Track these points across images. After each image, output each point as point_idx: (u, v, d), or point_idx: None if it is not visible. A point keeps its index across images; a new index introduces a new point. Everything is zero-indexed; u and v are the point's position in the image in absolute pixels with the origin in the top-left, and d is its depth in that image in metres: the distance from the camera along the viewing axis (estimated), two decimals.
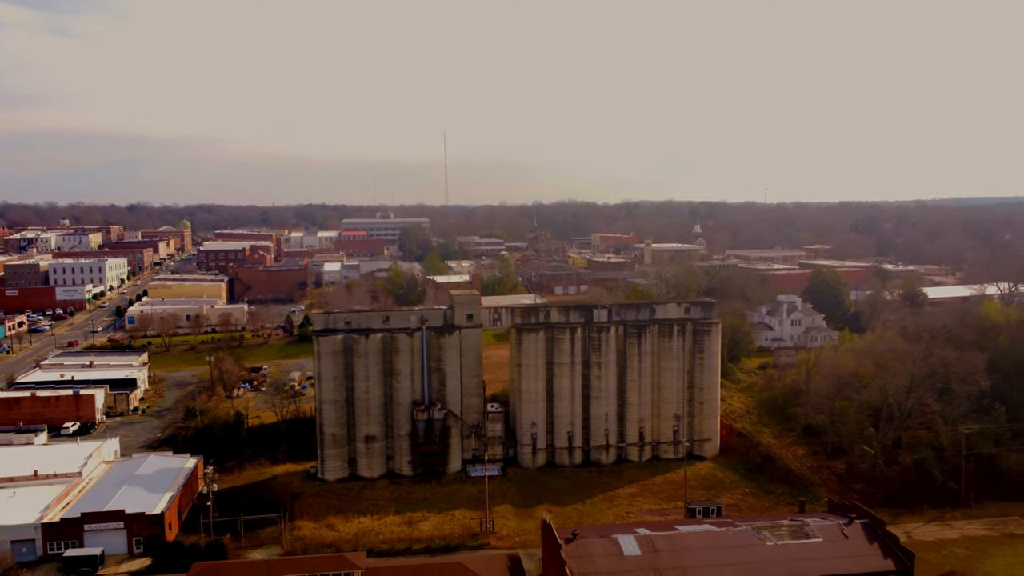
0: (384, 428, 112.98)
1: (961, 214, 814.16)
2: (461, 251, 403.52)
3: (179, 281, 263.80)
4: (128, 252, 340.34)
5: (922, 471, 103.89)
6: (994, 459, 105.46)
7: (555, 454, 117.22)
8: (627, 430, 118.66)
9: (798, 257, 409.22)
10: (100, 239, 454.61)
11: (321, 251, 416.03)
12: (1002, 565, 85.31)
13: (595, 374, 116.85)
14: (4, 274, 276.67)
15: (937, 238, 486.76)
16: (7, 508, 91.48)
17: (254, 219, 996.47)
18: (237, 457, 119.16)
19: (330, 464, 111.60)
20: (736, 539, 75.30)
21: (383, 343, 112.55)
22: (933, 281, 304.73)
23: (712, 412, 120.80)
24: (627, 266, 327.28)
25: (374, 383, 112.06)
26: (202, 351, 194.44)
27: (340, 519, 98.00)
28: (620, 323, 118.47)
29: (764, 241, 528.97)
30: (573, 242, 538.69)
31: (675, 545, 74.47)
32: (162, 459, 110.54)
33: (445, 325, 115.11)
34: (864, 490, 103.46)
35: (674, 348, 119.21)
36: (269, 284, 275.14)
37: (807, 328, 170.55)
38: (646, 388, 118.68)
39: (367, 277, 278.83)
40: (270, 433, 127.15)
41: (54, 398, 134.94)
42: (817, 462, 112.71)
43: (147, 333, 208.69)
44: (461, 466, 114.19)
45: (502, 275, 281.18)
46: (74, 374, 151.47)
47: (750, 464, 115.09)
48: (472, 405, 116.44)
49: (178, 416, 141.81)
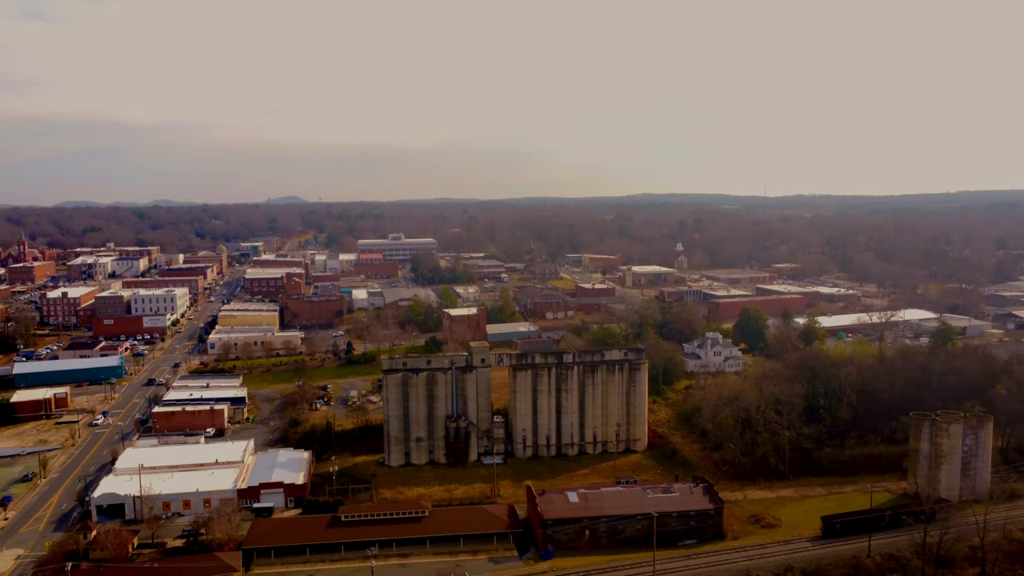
0: (428, 432, 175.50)
1: (941, 220, 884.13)
2: (466, 274, 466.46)
3: (242, 311, 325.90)
4: (185, 280, 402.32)
5: (764, 459, 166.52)
6: (810, 452, 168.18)
7: (538, 449, 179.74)
8: (585, 434, 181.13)
9: (762, 279, 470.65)
10: (146, 263, 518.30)
11: (344, 274, 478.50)
12: (790, 511, 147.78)
13: (564, 397, 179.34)
14: (95, 304, 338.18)
15: (895, 258, 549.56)
16: (214, 481, 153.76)
17: (261, 226, 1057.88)
18: (330, 451, 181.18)
19: (394, 456, 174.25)
20: (631, 493, 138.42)
21: (427, 377, 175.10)
22: (863, 304, 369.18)
23: (641, 421, 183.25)
24: (608, 292, 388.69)
25: (421, 404, 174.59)
26: (277, 372, 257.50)
27: (405, 488, 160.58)
28: (580, 363, 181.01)
29: (739, 260, 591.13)
30: (566, 260, 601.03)
31: (597, 496, 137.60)
32: (287, 452, 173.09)
33: (466, 366, 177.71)
34: (728, 471, 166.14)
35: (616, 379, 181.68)
36: (312, 312, 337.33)
37: (725, 357, 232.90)
38: (597, 406, 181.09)
39: (391, 306, 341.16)
40: (349, 435, 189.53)
41: (197, 411, 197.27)
42: (704, 454, 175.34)
43: (228, 357, 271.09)
44: (477, 457, 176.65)
45: (502, 303, 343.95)
46: (202, 393, 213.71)
47: (664, 455, 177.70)
48: (484, 418, 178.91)
49: (279, 424, 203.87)
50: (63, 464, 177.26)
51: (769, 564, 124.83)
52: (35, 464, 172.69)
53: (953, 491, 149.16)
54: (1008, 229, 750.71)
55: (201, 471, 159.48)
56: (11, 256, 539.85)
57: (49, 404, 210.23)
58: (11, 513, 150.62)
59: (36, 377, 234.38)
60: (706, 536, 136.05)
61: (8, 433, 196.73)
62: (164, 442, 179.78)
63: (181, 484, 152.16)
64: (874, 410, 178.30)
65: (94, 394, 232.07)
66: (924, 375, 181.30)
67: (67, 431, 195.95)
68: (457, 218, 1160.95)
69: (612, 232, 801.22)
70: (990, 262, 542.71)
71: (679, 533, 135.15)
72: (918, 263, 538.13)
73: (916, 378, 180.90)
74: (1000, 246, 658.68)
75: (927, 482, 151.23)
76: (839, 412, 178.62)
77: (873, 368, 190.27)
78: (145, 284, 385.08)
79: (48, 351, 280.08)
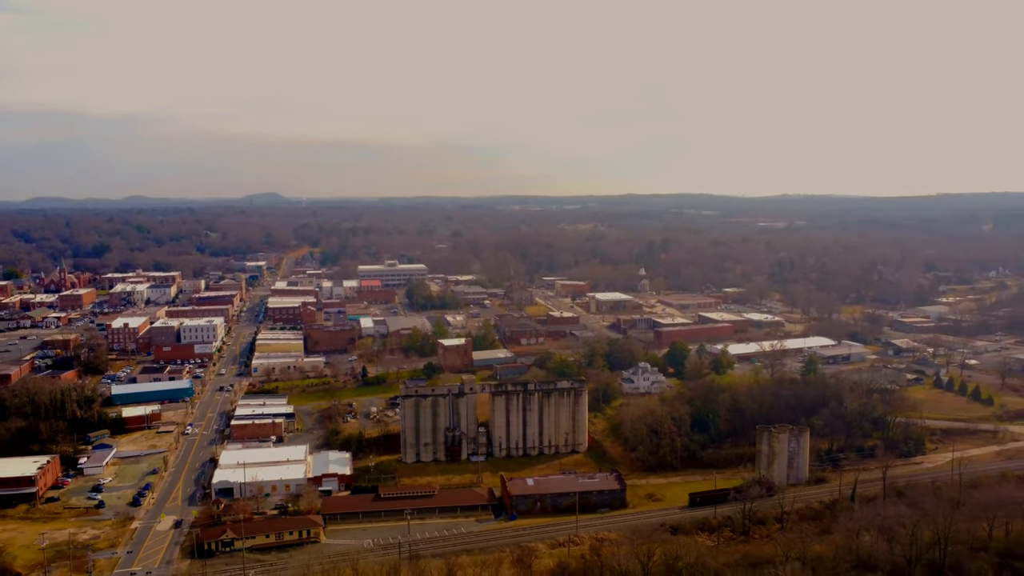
0: (432, 439, 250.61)
1: (895, 236, 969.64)
2: (454, 300, 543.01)
3: (275, 340, 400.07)
4: (218, 310, 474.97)
5: (664, 456, 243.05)
6: (695, 452, 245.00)
7: (510, 451, 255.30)
8: (543, 440, 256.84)
9: (708, 305, 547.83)
10: (175, 290, 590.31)
11: (348, 300, 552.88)
12: (674, 491, 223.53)
13: (528, 414, 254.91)
14: (151, 333, 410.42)
15: (830, 282, 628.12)
16: (290, 472, 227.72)
17: (257, 239, 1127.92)
18: (362, 453, 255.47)
19: (408, 455, 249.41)
20: (568, 479, 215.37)
21: (432, 400, 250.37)
22: (784, 331, 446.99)
23: (583, 431, 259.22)
24: (573, 321, 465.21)
25: (428, 419, 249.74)
26: (310, 392, 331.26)
27: (417, 477, 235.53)
28: (539, 390, 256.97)
29: (696, 283, 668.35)
30: (543, 283, 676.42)
31: (546, 481, 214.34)
32: (334, 453, 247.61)
33: (459, 392, 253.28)
34: (640, 465, 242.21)
35: (565, 401, 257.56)
36: (330, 339, 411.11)
37: (652, 382, 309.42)
38: (551, 420, 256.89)
39: (395, 335, 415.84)
40: (374, 441, 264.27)
41: (263, 424, 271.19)
42: (625, 453, 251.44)
43: (269, 379, 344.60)
44: (467, 456, 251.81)
45: (485, 332, 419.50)
46: (262, 410, 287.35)
47: (598, 455, 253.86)
48: (472, 428, 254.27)
49: (321, 432, 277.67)
50: (174, 462, 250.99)
51: (650, 521, 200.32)
52: (156, 462, 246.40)
53: (783, 478, 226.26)
54: (950, 248, 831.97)
55: (278, 466, 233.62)
56: (52, 282, 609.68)
57: (149, 418, 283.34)
58: (154, 495, 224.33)
59: (130, 397, 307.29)
60: (615, 506, 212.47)
61: (125, 440, 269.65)
62: (246, 446, 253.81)
63: (268, 474, 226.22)
64: (743, 423, 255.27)
65: (174, 410, 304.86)
66: (777, 398, 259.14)
67: (169, 438, 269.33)
68: (442, 228, 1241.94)
69: (586, 251, 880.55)
70: (912, 287, 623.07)
71: (597, 504, 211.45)
72: (849, 288, 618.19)
73: (771, 400, 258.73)
74: (930, 268, 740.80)
75: (766, 472, 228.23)
76: (719, 424, 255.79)
77: (747, 391, 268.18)
78: (187, 314, 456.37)
79: (125, 374, 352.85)
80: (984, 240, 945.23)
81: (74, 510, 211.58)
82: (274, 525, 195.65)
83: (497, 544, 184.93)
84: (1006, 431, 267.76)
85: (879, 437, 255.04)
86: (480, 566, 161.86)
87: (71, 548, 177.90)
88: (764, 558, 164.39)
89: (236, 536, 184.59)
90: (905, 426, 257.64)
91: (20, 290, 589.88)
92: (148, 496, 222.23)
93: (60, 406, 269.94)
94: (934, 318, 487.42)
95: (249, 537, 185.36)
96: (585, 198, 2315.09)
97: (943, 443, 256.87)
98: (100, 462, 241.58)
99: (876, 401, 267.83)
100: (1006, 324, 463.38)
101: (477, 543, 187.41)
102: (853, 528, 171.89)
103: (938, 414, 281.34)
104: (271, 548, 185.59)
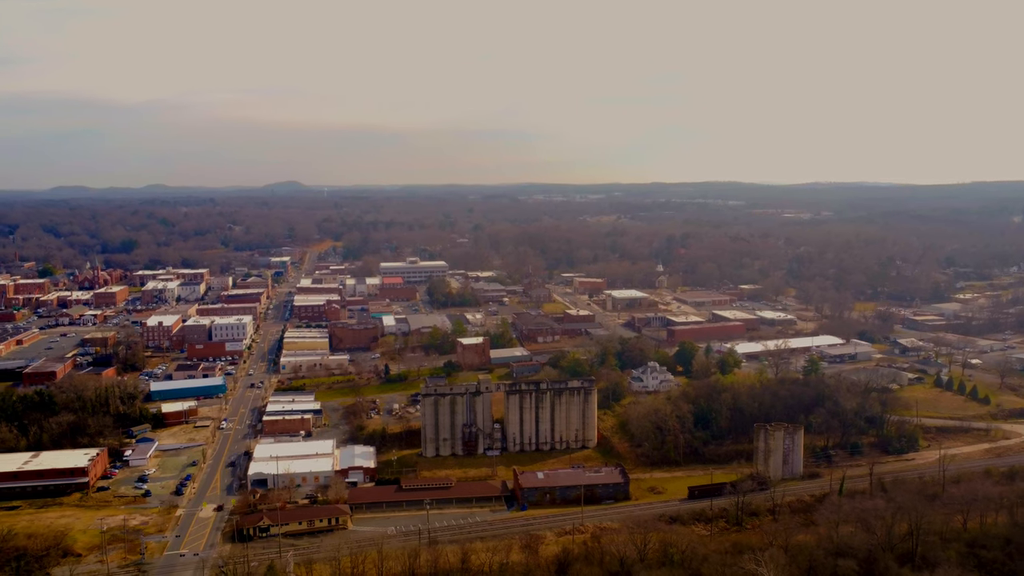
0: (451, 434, 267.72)
1: (918, 229, 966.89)
2: (473, 298, 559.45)
3: (301, 338, 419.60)
4: (247, 308, 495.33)
5: (667, 452, 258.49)
6: (698, 448, 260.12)
7: (523, 446, 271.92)
8: (554, 436, 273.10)
9: (722, 302, 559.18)
10: (204, 287, 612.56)
11: (371, 297, 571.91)
12: (676, 485, 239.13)
13: (540, 412, 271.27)
14: (184, 331, 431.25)
15: (847, 279, 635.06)
16: (319, 465, 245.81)
17: (280, 234, 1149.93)
18: (385, 447, 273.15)
19: (428, 449, 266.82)
20: (575, 472, 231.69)
21: (450, 399, 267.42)
22: (795, 329, 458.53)
23: (592, 427, 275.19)
24: (588, 319, 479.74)
25: (446, 415, 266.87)
26: (335, 389, 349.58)
27: (436, 470, 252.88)
28: (551, 389, 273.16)
29: (713, 280, 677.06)
30: (561, 279, 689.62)
31: (555, 474, 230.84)
32: (360, 447, 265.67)
33: (476, 391, 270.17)
34: (645, 460, 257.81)
35: (575, 400, 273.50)
36: (354, 337, 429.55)
37: (660, 381, 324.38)
38: (562, 417, 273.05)
39: (416, 333, 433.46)
40: (397, 436, 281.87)
41: (292, 419, 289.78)
42: (632, 449, 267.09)
43: (297, 376, 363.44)
44: (483, 451, 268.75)
45: (502, 330, 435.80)
46: (291, 406, 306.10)
47: (606, 450, 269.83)
48: (487, 425, 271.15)
49: (347, 428, 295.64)
50: (211, 454, 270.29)
51: (650, 513, 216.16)
52: (195, 454, 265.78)
53: (778, 473, 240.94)
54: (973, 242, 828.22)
55: (308, 459, 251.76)
56: (86, 279, 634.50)
57: (186, 414, 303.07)
58: (195, 485, 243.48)
59: (168, 393, 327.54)
60: (618, 498, 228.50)
61: (166, 434, 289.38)
62: (278, 440, 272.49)
63: (299, 467, 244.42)
64: (743, 420, 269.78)
65: (209, 406, 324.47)
66: (776, 397, 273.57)
67: (206, 432, 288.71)
68: (463, 220, 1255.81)
69: (605, 247, 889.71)
70: (929, 283, 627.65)
71: (602, 496, 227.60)
72: (865, 284, 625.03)
73: (771, 399, 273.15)
74: (949, 263, 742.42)
75: (763, 467, 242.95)
76: (720, 422, 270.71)
77: (748, 390, 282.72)
78: (217, 312, 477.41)
79: (161, 370, 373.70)
80: (1011, 233, 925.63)
81: (124, 498, 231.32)
82: (306, 513, 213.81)
83: (508, 532, 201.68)
84: (998, 429, 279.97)
85: (874, 435, 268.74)
86: (492, 551, 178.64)
87: (124, 532, 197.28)
88: (751, 546, 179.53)
89: (272, 523, 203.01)
90: (900, 424, 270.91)
91: (56, 287, 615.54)
92: (190, 486, 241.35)
93: (105, 402, 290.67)
94: (947, 316, 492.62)
95: (284, 524, 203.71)
96: (610, 186, 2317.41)
97: (937, 441, 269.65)
98: (144, 454, 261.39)
99: (873, 400, 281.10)
100: (1016, 322, 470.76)
101: (490, 531, 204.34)
102: (835, 520, 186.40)
103: (935, 413, 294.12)
104: (303, 534, 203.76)
